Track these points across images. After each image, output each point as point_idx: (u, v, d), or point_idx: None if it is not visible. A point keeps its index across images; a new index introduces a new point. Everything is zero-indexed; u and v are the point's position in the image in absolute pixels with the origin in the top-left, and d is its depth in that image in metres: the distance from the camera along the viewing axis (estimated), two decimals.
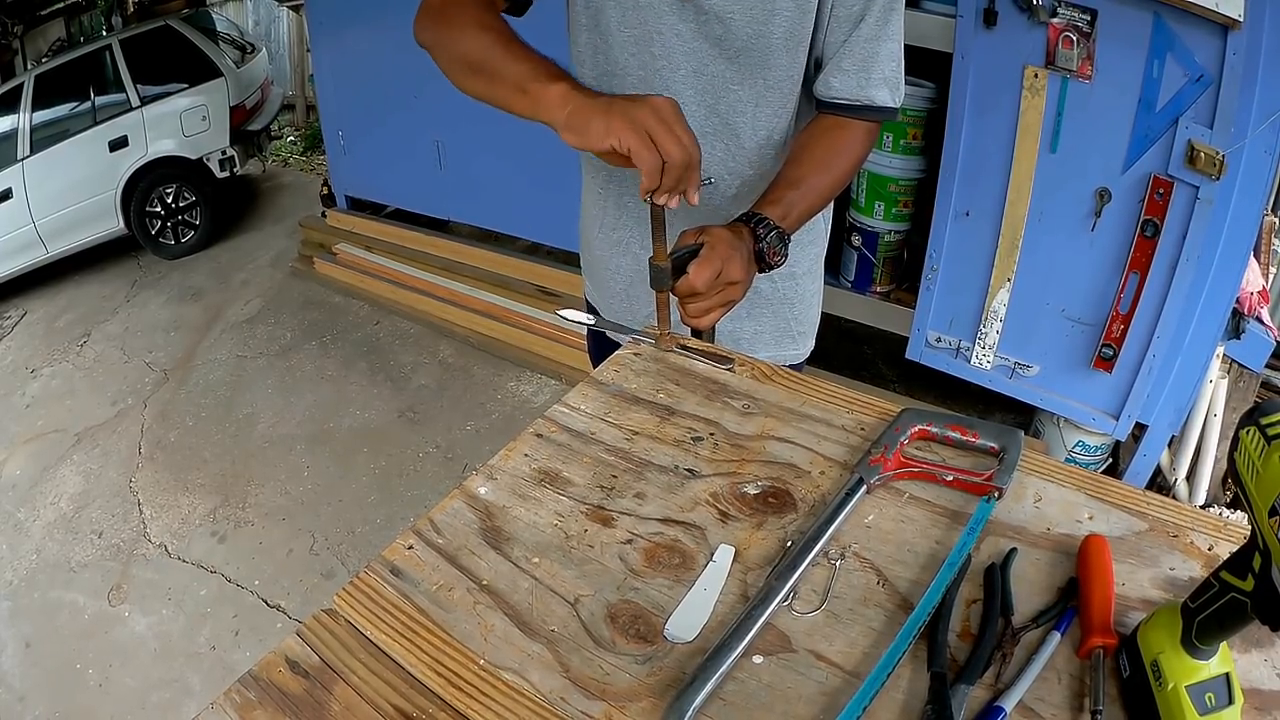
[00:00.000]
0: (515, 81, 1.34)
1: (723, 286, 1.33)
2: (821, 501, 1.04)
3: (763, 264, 1.41)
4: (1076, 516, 0.98)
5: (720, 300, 1.35)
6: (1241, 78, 2.50)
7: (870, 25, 1.47)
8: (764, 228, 1.40)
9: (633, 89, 1.55)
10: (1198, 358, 2.99)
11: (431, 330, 5.53)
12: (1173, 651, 0.73)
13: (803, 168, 1.52)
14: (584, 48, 1.60)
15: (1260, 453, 0.63)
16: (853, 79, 1.50)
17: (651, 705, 0.82)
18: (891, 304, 3.77)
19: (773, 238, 1.40)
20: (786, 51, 1.51)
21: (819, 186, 1.52)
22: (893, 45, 1.51)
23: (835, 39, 1.50)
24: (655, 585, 0.94)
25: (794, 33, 1.48)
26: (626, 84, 1.57)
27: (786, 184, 1.49)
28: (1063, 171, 2.96)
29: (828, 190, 1.56)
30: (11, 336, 6.64)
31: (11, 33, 10.38)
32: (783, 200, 1.46)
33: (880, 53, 1.49)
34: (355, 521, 4.07)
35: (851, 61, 1.49)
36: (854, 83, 1.51)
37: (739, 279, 1.34)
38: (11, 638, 3.79)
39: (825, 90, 1.54)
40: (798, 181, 1.49)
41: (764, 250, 1.39)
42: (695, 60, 1.52)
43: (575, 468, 1.12)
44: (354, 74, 5.79)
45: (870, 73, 1.50)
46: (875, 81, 1.50)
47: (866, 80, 1.50)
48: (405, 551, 1.01)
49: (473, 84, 1.43)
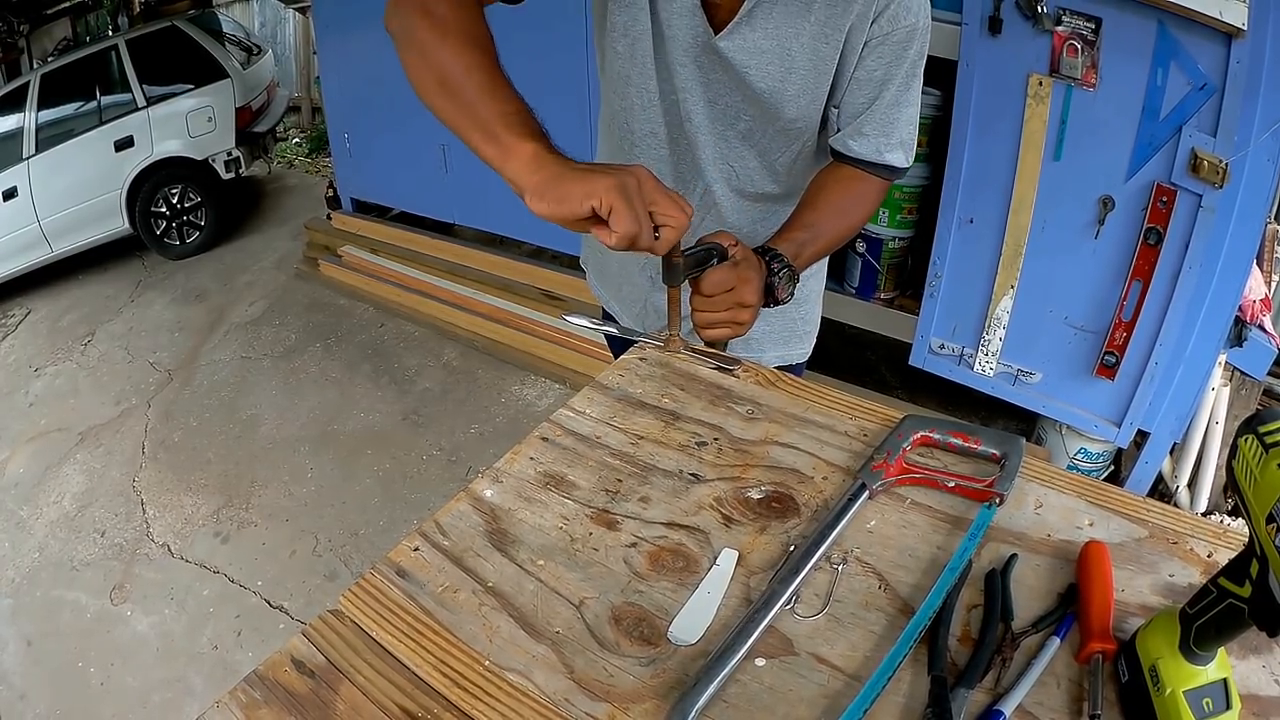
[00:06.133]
0: (487, 123, 1.24)
1: (733, 305, 1.36)
2: (824, 506, 1.04)
3: (770, 298, 1.44)
4: (1077, 523, 0.99)
5: (728, 318, 1.37)
6: (1244, 86, 2.51)
7: (893, 93, 1.50)
8: (778, 263, 1.44)
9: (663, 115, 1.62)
10: (1200, 365, 2.99)
11: (436, 333, 5.54)
12: (1171, 657, 0.74)
13: (817, 213, 1.57)
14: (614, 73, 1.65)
15: (1258, 460, 0.64)
16: (872, 142, 1.55)
17: (655, 707, 0.82)
18: (895, 310, 3.77)
19: (784, 274, 1.44)
20: (800, 105, 1.55)
21: (830, 232, 1.58)
22: (911, 110, 1.55)
23: (855, 101, 1.53)
24: (659, 588, 0.95)
25: (809, 90, 1.52)
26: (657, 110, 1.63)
27: (801, 226, 1.54)
28: (1066, 179, 2.96)
29: (838, 237, 1.63)
30: (15, 335, 6.66)
31: (17, 31, 10.41)
32: (796, 241, 1.51)
33: (900, 118, 1.53)
34: (358, 524, 4.07)
35: (872, 127, 1.53)
36: (873, 146, 1.55)
37: (751, 303, 1.37)
38: (13, 636, 3.79)
39: (844, 149, 1.58)
40: (811, 225, 1.54)
41: (774, 285, 1.43)
42: (711, 93, 1.56)
43: (580, 471, 1.13)
44: (360, 77, 5.79)
45: (889, 137, 1.54)
46: (893, 145, 1.55)
47: (885, 144, 1.54)
48: (411, 553, 1.01)
49: (438, 102, 1.30)
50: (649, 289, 1.84)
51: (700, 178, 1.68)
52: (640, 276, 1.85)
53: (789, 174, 1.70)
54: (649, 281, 1.83)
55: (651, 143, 1.67)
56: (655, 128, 1.65)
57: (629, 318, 1.92)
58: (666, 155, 1.67)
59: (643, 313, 1.89)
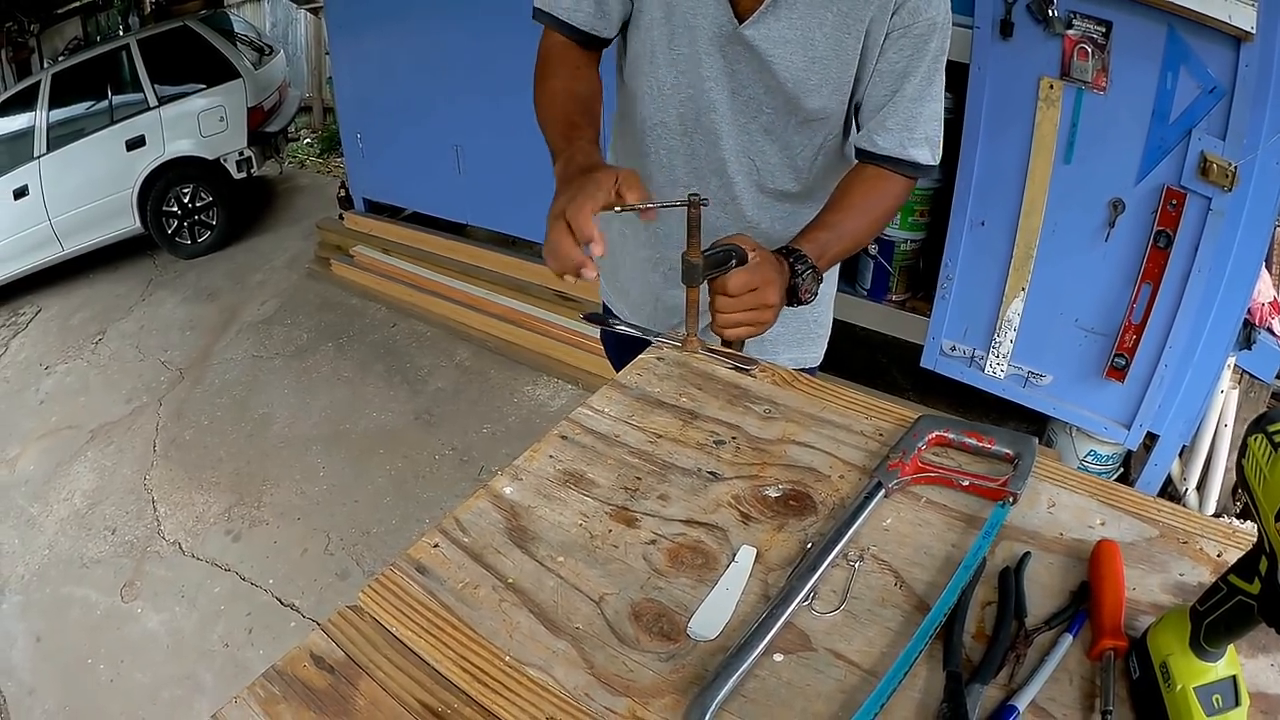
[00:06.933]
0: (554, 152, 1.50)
1: (756, 305, 1.37)
2: (841, 505, 1.05)
3: (794, 298, 1.46)
4: (1089, 522, 1.00)
5: (751, 318, 1.39)
6: (1254, 89, 2.51)
7: (914, 86, 1.52)
8: (801, 264, 1.45)
9: (678, 106, 1.65)
10: (1209, 368, 2.99)
11: (448, 333, 5.54)
12: (1181, 654, 0.75)
13: (840, 213, 1.57)
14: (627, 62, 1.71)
15: (1267, 459, 0.64)
16: (896, 137, 1.55)
17: (674, 701, 0.83)
18: (907, 312, 3.77)
19: (807, 275, 1.46)
20: (823, 95, 1.57)
21: (854, 231, 1.59)
22: (935, 106, 1.56)
23: (878, 94, 1.55)
24: (678, 585, 0.96)
25: (831, 80, 1.54)
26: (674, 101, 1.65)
27: (824, 226, 1.55)
28: (1077, 182, 2.97)
29: (862, 236, 1.63)
30: (26, 333, 6.68)
31: (28, 31, 10.44)
32: (819, 241, 1.52)
33: (923, 113, 1.54)
34: (370, 522, 4.08)
35: (896, 121, 1.54)
36: (897, 140, 1.55)
37: (773, 303, 1.38)
38: (23, 632, 3.81)
39: (868, 145, 1.59)
40: (835, 224, 1.55)
41: (798, 286, 1.45)
42: (735, 83, 1.58)
43: (599, 469, 1.14)
44: (373, 77, 5.80)
45: (913, 132, 1.54)
46: (917, 140, 1.55)
47: (909, 139, 1.55)
48: (431, 550, 1.02)
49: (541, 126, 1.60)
50: (662, 286, 1.85)
51: (720, 171, 1.69)
52: (654, 274, 1.87)
53: (810, 171, 1.71)
54: (662, 279, 1.85)
55: (661, 133, 1.69)
56: (666, 118, 1.66)
57: (639, 320, 1.91)
58: (679, 146, 1.69)
59: (653, 313, 1.90)
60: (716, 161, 1.68)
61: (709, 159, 1.69)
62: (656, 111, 1.67)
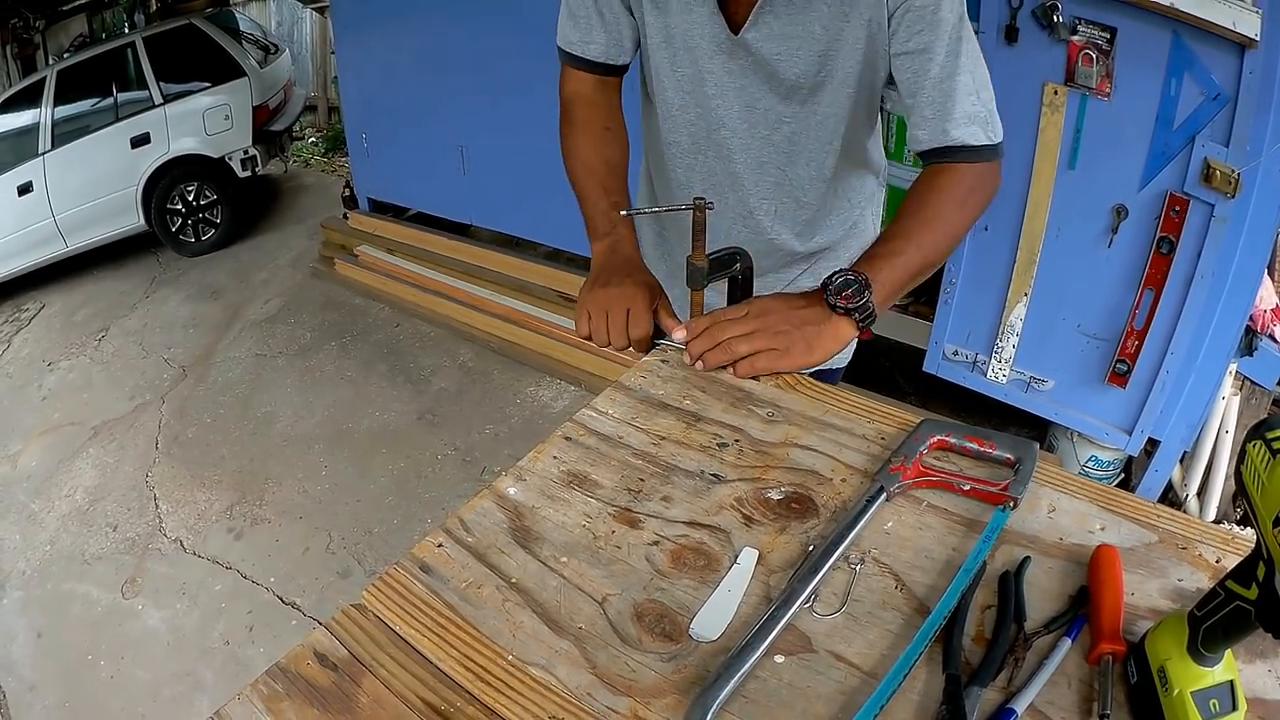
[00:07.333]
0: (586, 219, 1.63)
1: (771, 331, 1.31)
2: (843, 508, 1.05)
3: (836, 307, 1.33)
4: (1088, 527, 1.00)
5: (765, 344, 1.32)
6: (1258, 96, 2.52)
7: (940, 64, 1.41)
8: (837, 274, 1.34)
9: (688, 126, 1.66)
10: (1210, 374, 3.00)
11: (452, 334, 5.55)
12: (1179, 659, 0.75)
13: (899, 224, 1.44)
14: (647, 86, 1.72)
15: (1265, 465, 0.64)
16: (933, 125, 1.45)
17: (676, 702, 0.83)
18: (910, 317, 3.78)
19: (841, 283, 1.33)
20: (834, 89, 1.54)
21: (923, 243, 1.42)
22: (967, 78, 1.43)
23: (904, 79, 1.47)
24: (681, 586, 0.96)
25: (839, 71, 1.51)
26: (683, 121, 1.66)
27: (883, 242, 1.44)
28: (1081, 188, 2.97)
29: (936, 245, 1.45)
30: (29, 329, 6.69)
31: (34, 27, 10.44)
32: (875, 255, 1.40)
33: (956, 89, 1.42)
34: (372, 522, 4.08)
35: (930, 108, 1.44)
36: (936, 129, 1.45)
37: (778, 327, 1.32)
38: (23, 628, 3.82)
39: (914, 144, 1.50)
40: (891, 237, 1.43)
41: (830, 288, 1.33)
42: (746, 96, 1.57)
43: (603, 470, 1.14)
44: (379, 77, 5.82)
45: (951, 113, 1.43)
46: (958, 121, 1.43)
47: (948, 122, 1.43)
48: (435, 549, 1.02)
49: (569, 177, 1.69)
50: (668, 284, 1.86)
51: (736, 186, 1.69)
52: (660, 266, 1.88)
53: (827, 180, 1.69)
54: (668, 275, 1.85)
55: (675, 152, 1.70)
56: (678, 138, 1.67)
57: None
58: (694, 164, 1.70)
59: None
60: (730, 176, 1.68)
61: (724, 175, 1.68)
62: (669, 131, 1.68)
